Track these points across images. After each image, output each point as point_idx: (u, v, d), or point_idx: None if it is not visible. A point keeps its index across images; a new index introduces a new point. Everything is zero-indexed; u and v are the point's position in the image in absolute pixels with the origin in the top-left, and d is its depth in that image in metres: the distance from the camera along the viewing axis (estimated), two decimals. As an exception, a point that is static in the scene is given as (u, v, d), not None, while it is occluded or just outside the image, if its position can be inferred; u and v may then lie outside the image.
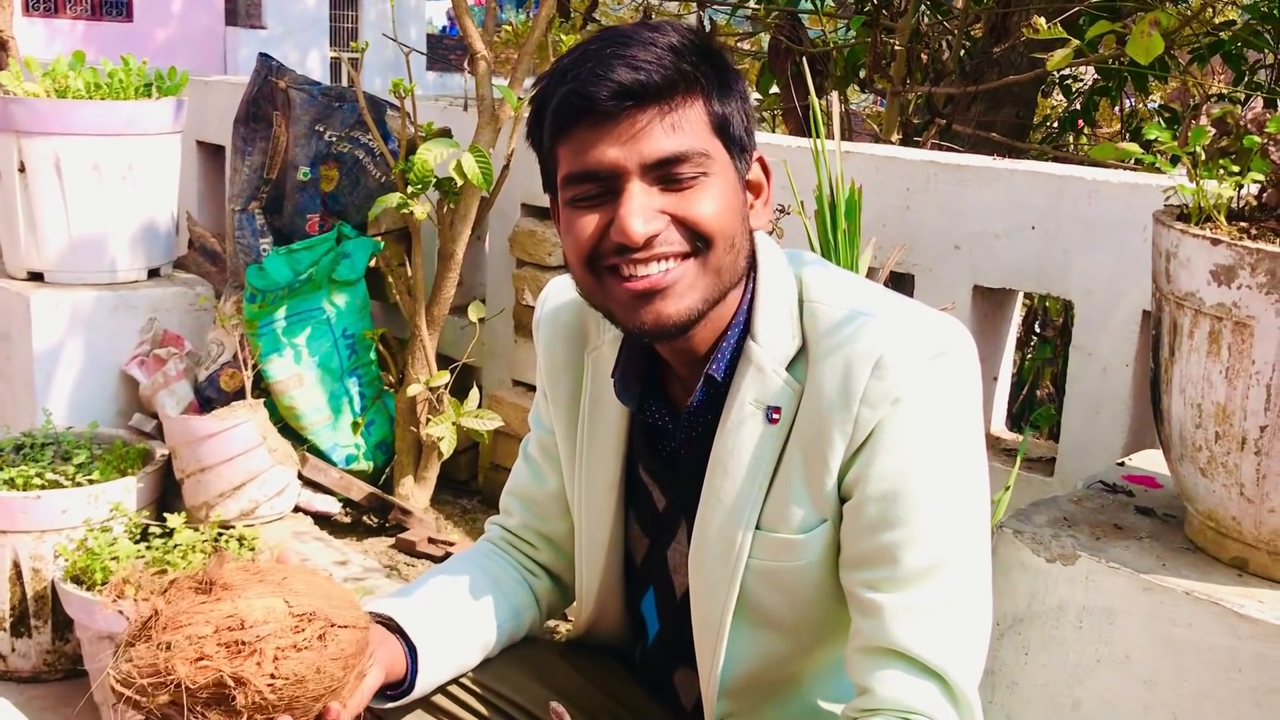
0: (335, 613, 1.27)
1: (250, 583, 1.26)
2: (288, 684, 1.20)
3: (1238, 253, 1.28)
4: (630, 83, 1.26)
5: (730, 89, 1.34)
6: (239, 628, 1.20)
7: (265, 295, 3.03)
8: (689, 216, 1.30)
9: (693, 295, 1.33)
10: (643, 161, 1.28)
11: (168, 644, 1.18)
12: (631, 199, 1.28)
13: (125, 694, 1.19)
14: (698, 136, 1.30)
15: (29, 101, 3.16)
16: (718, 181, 1.32)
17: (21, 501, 2.78)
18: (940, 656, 1.30)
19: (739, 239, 1.35)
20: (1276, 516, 1.34)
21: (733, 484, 1.40)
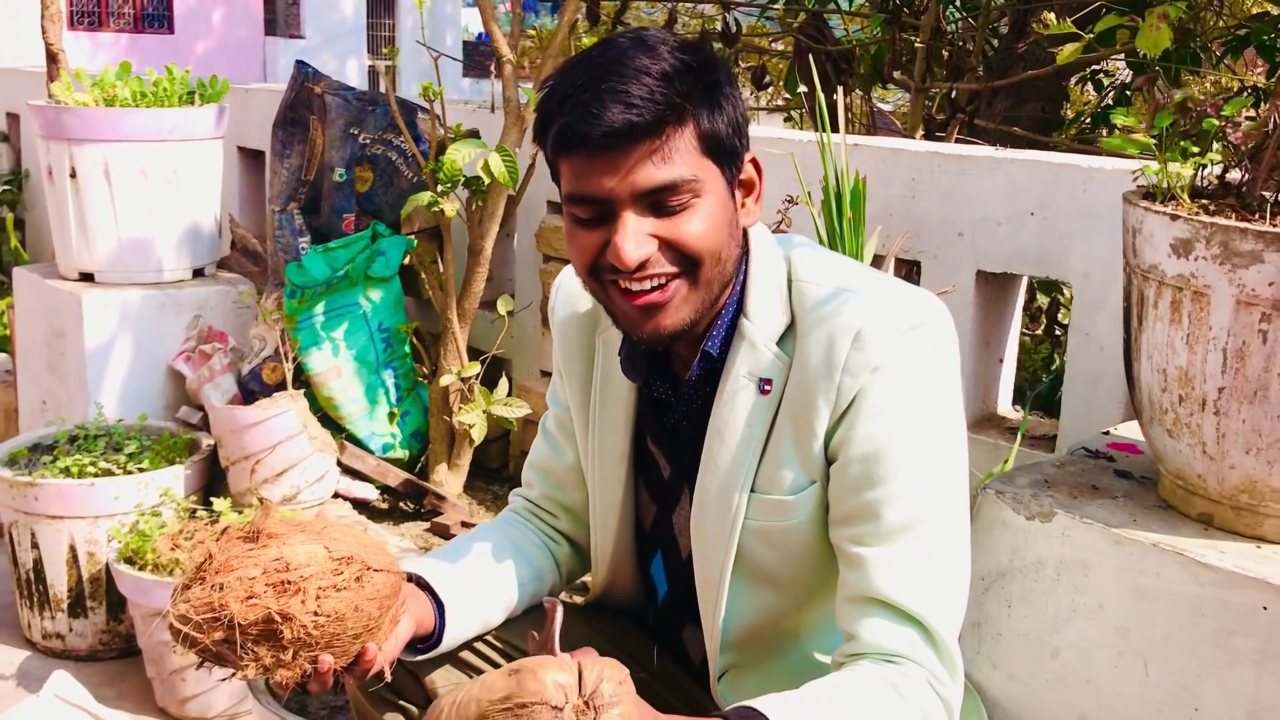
0: (371, 557, 1.37)
1: (293, 532, 1.37)
2: (329, 621, 1.30)
3: (1194, 227, 1.38)
4: (621, 124, 1.33)
5: (720, 102, 1.41)
6: (284, 570, 1.30)
7: (304, 291, 3.18)
8: (677, 239, 1.39)
9: (686, 309, 1.44)
10: (634, 192, 1.37)
11: (221, 585, 1.29)
12: (624, 227, 1.38)
13: (184, 631, 1.29)
14: (686, 165, 1.38)
15: (80, 111, 3.32)
16: (707, 202, 1.41)
17: (77, 489, 2.93)
18: (919, 604, 1.41)
19: (726, 251, 1.44)
20: (1237, 473, 1.44)
21: (729, 450, 1.51)
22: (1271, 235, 1.33)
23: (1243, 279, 1.35)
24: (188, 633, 1.28)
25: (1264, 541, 1.46)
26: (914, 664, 1.41)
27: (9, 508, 2.99)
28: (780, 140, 2.72)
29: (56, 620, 3.02)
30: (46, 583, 2.99)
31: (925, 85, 4.75)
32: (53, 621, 3.02)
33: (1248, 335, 1.37)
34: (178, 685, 2.75)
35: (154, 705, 2.83)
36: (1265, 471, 1.42)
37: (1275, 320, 1.35)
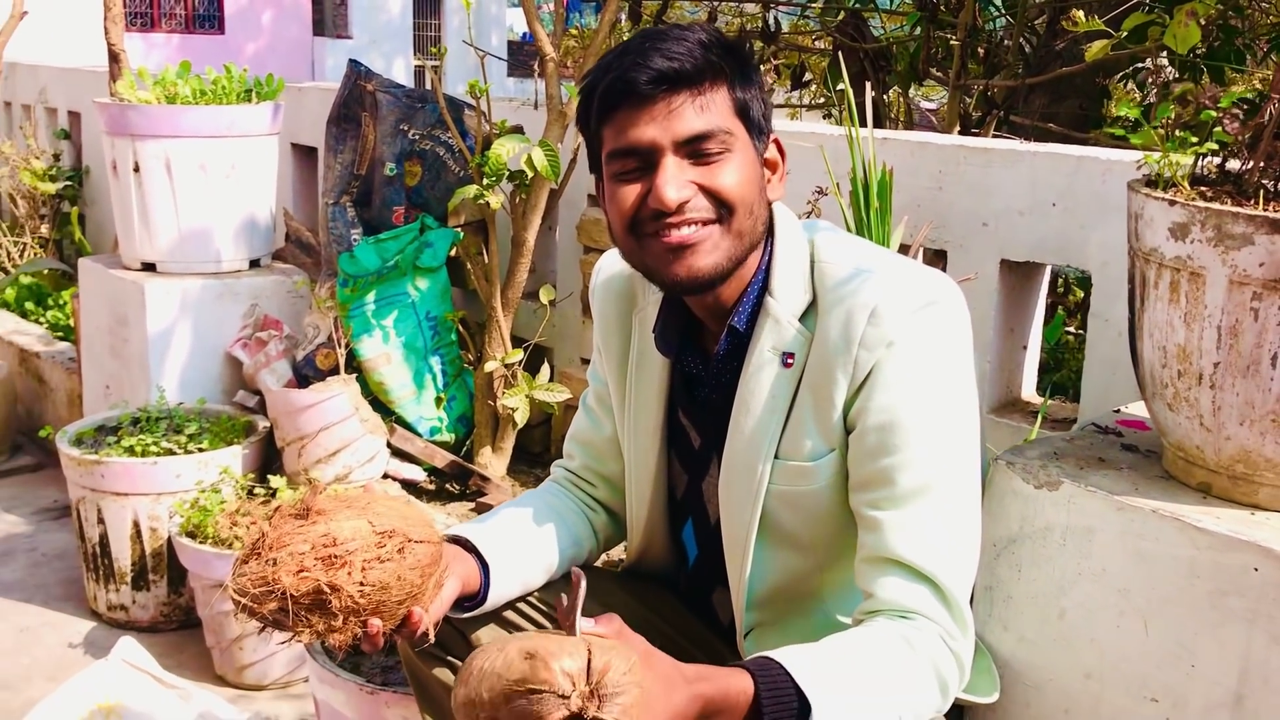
0: (412, 530, 1.49)
1: (339, 508, 1.48)
2: (374, 590, 1.42)
3: (1190, 211, 1.48)
4: (666, 69, 1.49)
5: (750, 79, 1.57)
6: (331, 544, 1.42)
7: (356, 281, 3.31)
8: (714, 186, 1.53)
9: (718, 253, 1.55)
10: (675, 138, 1.51)
11: (274, 560, 1.41)
12: (666, 170, 1.51)
13: (242, 602, 1.41)
14: (723, 117, 1.53)
15: (143, 108, 3.48)
16: (739, 157, 1.54)
17: (140, 467, 3.08)
18: (932, 563, 1.51)
19: (757, 207, 1.57)
20: (1232, 444, 1.53)
21: (754, 420, 1.62)
22: (1262, 219, 1.42)
23: (1235, 260, 1.44)
24: (245, 604, 1.40)
25: (1259, 509, 1.55)
26: (927, 619, 1.51)
27: (77, 485, 3.15)
28: (811, 134, 2.83)
29: (121, 592, 3.17)
30: (111, 557, 3.14)
31: (961, 82, 4.82)
32: (117, 594, 3.18)
33: (1240, 313, 1.46)
34: (235, 654, 2.89)
35: (213, 673, 2.98)
36: (1259, 442, 1.51)
37: (1266, 299, 1.44)
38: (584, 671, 1.22)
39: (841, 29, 5.36)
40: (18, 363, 4.66)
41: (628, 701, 1.23)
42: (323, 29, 21.23)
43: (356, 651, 2.31)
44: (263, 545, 1.44)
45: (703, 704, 1.35)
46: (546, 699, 1.20)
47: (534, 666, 1.21)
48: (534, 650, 1.23)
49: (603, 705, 1.21)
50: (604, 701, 1.21)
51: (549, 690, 1.20)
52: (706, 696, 1.36)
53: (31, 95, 6.36)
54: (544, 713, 1.20)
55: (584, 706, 1.20)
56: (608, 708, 1.21)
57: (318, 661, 2.16)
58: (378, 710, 2.07)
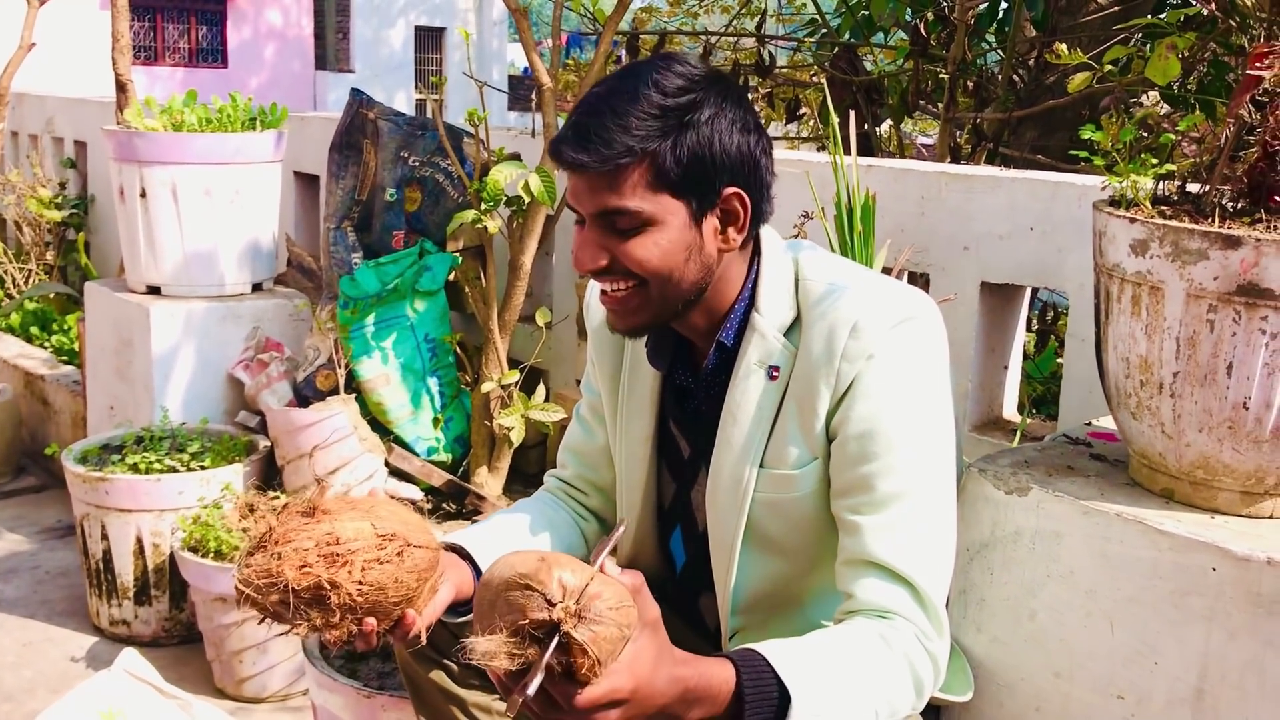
0: (412, 535, 1.55)
1: (344, 509, 1.54)
2: (372, 590, 1.48)
3: (1149, 228, 1.56)
4: (572, 161, 1.56)
5: (690, 139, 1.56)
6: (334, 543, 1.47)
7: (356, 303, 3.39)
8: (624, 259, 1.60)
9: (644, 314, 1.64)
10: (591, 210, 1.60)
11: (279, 554, 1.46)
12: (580, 237, 1.62)
13: (246, 592, 1.47)
14: (635, 199, 1.56)
15: (150, 135, 3.57)
16: (659, 230, 1.58)
17: (144, 484, 3.14)
18: (909, 566, 1.58)
19: (679, 273, 1.61)
20: (1192, 450, 1.61)
21: (741, 430, 1.69)
22: (1215, 235, 1.50)
23: (1191, 274, 1.52)
24: (249, 594, 1.46)
25: (1218, 513, 1.62)
26: (904, 620, 1.57)
27: (81, 501, 3.22)
28: (799, 161, 2.91)
29: (123, 607, 3.23)
30: (115, 572, 3.21)
31: (952, 115, 4.92)
32: (119, 609, 3.24)
33: (1197, 325, 1.54)
34: (235, 667, 2.95)
35: (213, 687, 3.03)
36: (1216, 449, 1.58)
37: (1221, 311, 1.52)
38: (578, 590, 1.27)
39: (835, 63, 5.48)
40: (23, 385, 4.73)
41: (603, 633, 1.28)
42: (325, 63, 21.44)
43: (353, 657, 2.38)
44: (269, 539, 1.49)
45: (683, 689, 1.40)
46: (535, 598, 1.26)
47: (538, 569, 1.28)
48: (547, 557, 1.30)
49: (578, 625, 1.26)
50: (581, 622, 1.26)
51: (540, 591, 1.26)
52: (689, 683, 1.41)
53: (39, 125, 6.47)
54: (528, 609, 1.26)
55: (563, 618, 1.26)
56: (581, 629, 1.26)
57: (316, 667, 2.22)
58: (375, 714, 2.13)
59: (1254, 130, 1.60)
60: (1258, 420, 1.54)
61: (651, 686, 1.34)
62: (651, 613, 1.38)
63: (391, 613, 1.53)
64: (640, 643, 1.34)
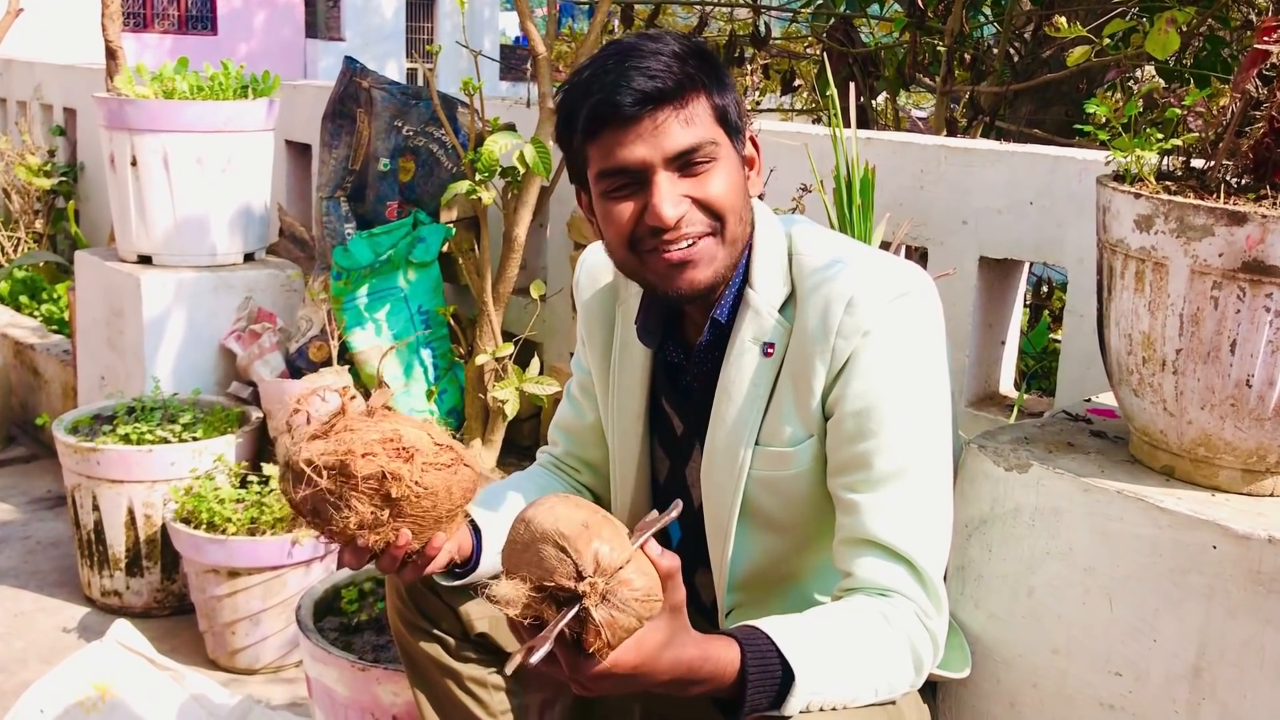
0: (464, 453, 1.56)
1: (403, 417, 1.56)
2: (426, 493, 1.49)
3: (1154, 204, 1.54)
4: (649, 89, 1.53)
5: (725, 83, 1.61)
6: (398, 440, 1.48)
7: (349, 274, 3.37)
8: (706, 198, 1.58)
9: (716, 264, 1.61)
10: (665, 155, 1.55)
11: (346, 440, 1.46)
12: (660, 188, 1.56)
13: (307, 472, 1.45)
14: (706, 128, 1.57)
15: (141, 103, 3.53)
16: (725, 165, 1.59)
17: (136, 455, 3.13)
18: (907, 544, 1.57)
19: (744, 210, 1.63)
20: (1194, 428, 1.60)
21: (735, 408, 1.68)
22: (1221, 211, 1.48)
23: (1196, 250, 1.51)
24: (310, 475, 1.44)
25: (1219, 491, 1.61)
26: (903, 597, 1.57)
27: (72, 472, 3.20)
28: (797, 134, 2.89)
29: (115, 579, 3.22)
30: (106, 543, 3.19)
31: (948, 88, 4.89)
32: (111, 580, 3.23)
33: (1201, 301, 1.52)
34: (228, 638, 2.94)
35: (205, 658, 3.03)
36: (1218, 426, 1.57)
37: (1225, 288, 1.50)
38: (610, 570, 1.26)
39: (831, 34, 5.44)
40: (12, 355, 4.71)
41: (621, 620, 1.27)
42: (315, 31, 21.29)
43: (347, 630, 2.37)
44: (335, 425, 1.49)
45: (687, 671, 1.39)
46: (567, 564, 1.25)
47: (579, 534, 1.27)
48: (591, 523, 1.29)
49: (600, 605, 1.25)
50: (603, 603, 1.25)
51: (574, 560, 1.25)
52: (693, 666, 1.39)
53: (27, 91, 6.41)
54: (557, 572, 1.25)
55: (587, 593, 1.24)
56: (602, 610, 1.25)
57: (311, 640, 2.21)
58: (369, 686, 2.12)
59: (1260, 105, 1.59)
60: (1260, 398, 1.53)
61: (655, 666, 1.34)
62: (677, 597, 1.37)
63: (427, 530, 1.53)
64: (657, 623, 1.33)
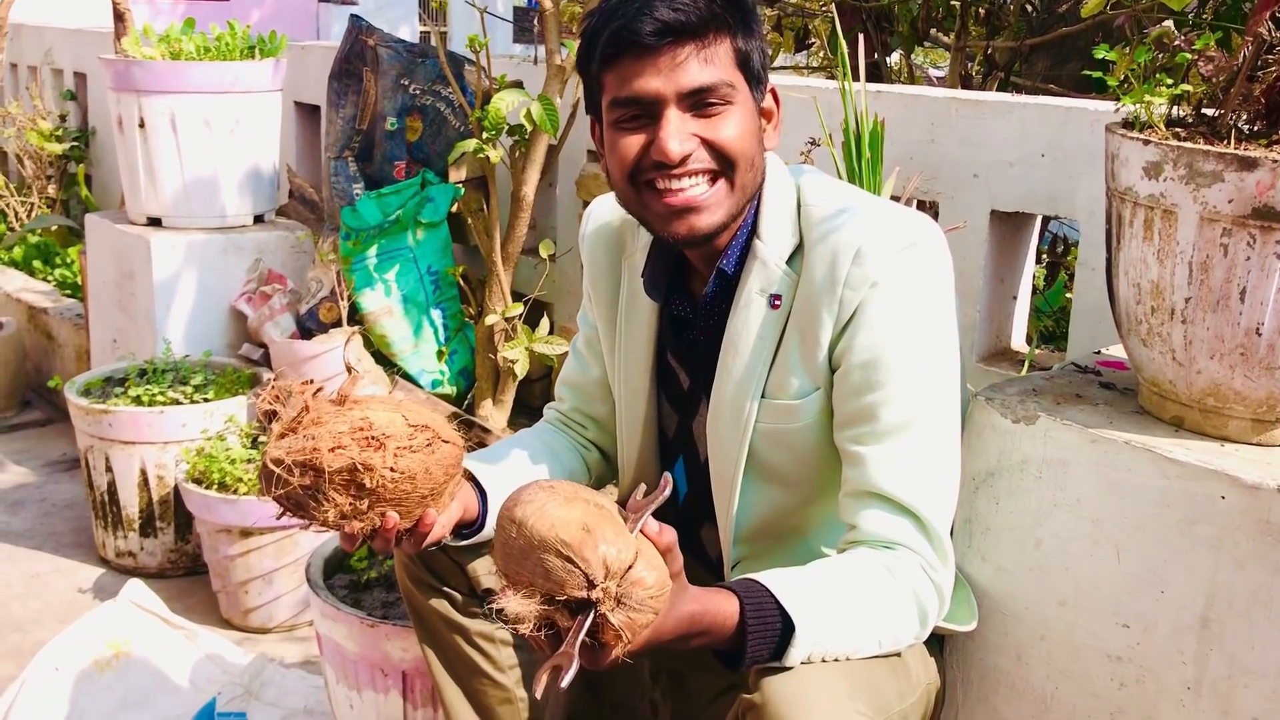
0: (441, 430, 1.53)
1: (374, 401, 1.53)
2: (403, 477, 1.46)
3: (1163, 150, 1.52)
4: (671, 20, 1.50)
5: (752, 29, 1.58)
6: (368, 428, 1.45)
7: (358, 234, 3.36)
8: (716, 140, 1.55)
9: (721, 211, 1.59)
10: (679, 90, 1.53)
11: (313, 435, 1.44)
12: (669, 123, 1.53)
13: (276, 472, 1.43)
14: (725, 70, 1.54)
15: (148, 64, 3.52)
16: (740, 110, 1.57)
17: (148, 416, 3.14)
18: (913, 496, 1.56)
19: (757, 159, 1.61)
20: (1203, 378, 1.58)
21: (741, 361, 1.66)
22: (1231, 156, 1.46)
23: (1206, 197, 1.48)
24: (280, 474, 1.42)
25: (1228, 441, 1.60)
26: (908, 550, 1.56)
27: (85, 434, 3.21)
28: (806, 87, 2.86)
29: (129, 539, 3.24)
30: (120, 504, 3.21)
31: (962, 44, 4.84)
32: (125, 541, 3.25)
33: (1210, 249, 1.50)
34: (241, 597, 2.96)
35: (219, 617, 3.05)
36: (1228, 376, 1.55)
37: (1235, 235, 1.48)
38: (621, 572, 1.24)
39: (844, -10, 5.37)
40: (26, 319, 4.72)
41: (638, 619, 1.26)
42: (328, -6, 21.15)
43: (356, 587, 2.38)
44: (301, 421, 1.47)
45: (691, 624, 1.40)
46: (576, 575, 1.23)
47: (584, 541, 1.24)
48: (591, 528, 1.25)
49: (616, 609, 1.24)
50: (619, 606, 1.24)
51: (582, 570, 1.23)
52: (696, 618, 1.40)
53: (37, 56, 6.39)
54: (567, 584, 1.23)
55: (601, 599, 1.22)
56: (619, 614, 1.24)
57: (320, 597, 2.22)
58: (378, 642, 2.13)
59: (1273, 50, 1.56)
60: (1270, 347, 1.51)
61: (661, 629, 1.35)
62: (675, 566, 1.37)
63: (415, 510, 1.51)
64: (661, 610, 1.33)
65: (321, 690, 2.49)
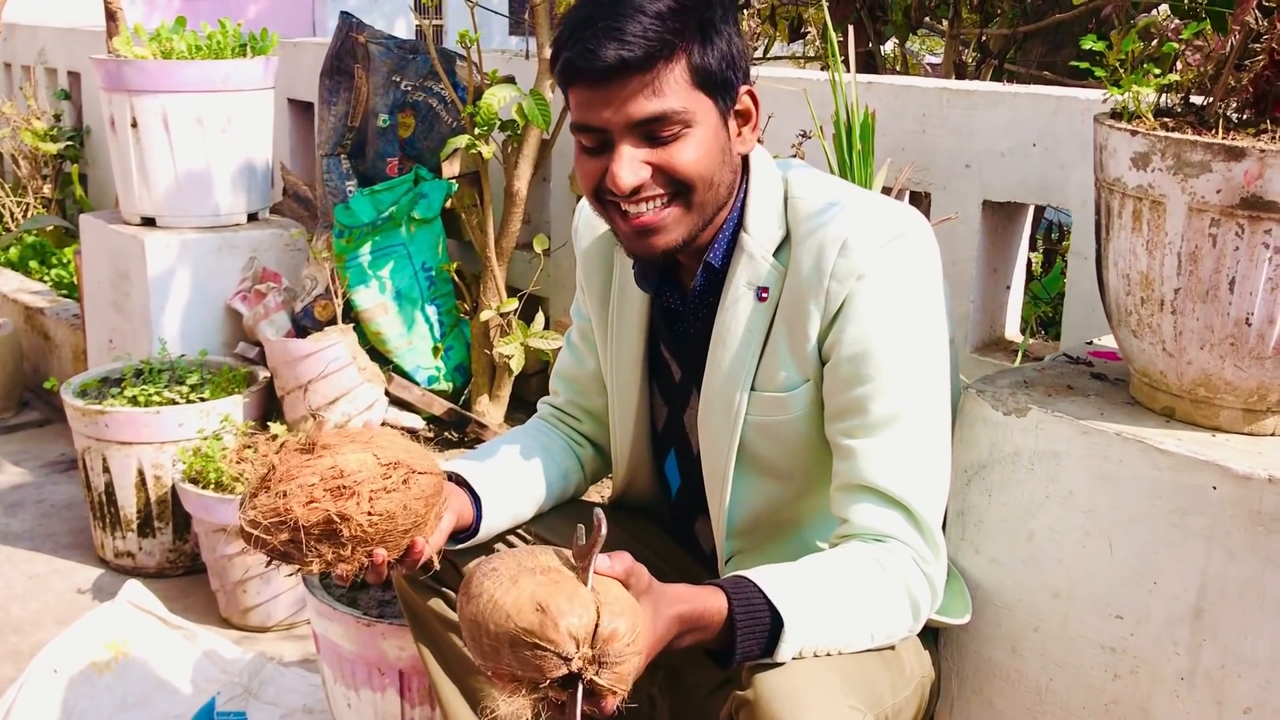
0: (415, 462, 1.53)
1: (344, 442, 1.52)
2: (381, 519, 1.46)
3: (1150, 141, 1.51)
4: (613, 60, 1.48)
5: (713, 37, 1.53)
6: (339, 476, 1.45)
7: (351, 231, 3.36)
8: (669, 167, 1.54)
9: (678, 230, 1.59)
10: (628, 121, 1.52)
11: (284, 492, 1.44)
12: (620, 156, 1.52)
13: (254, 535, 1.45)
14: (677, 97, 1.51)
15: (140, 63, 3.51)
16: (697, 132, 1.54)
17: (144, 416, 3.14)
18: (903, 489, 1.56)
19: (718, 176, 1.58)
20: (1193, 368, 1.57)
21: (730, 353, 1.66)
22: (1218, 146, 1.45)
23: (1194, 188, 1.48)
24: (258, 536, 1.44)
25: (1219, 431, 1.60)
26: (899, 543, 1.56)
27: (82, 435, 3.21)
28: (796, 79, 2.85)
29: (127, 540, 3.24)
30: (117, 505, 3.21)
31: (956, 31, 4.83)
32: (123, 541, 3.25)
33: (1199, 240, 1.50)
34: (240, 597, 2.96)
35: (218, 616, 3.05)
36: (1218, 366, 1.55)
37: (1223, 225, 1.48)
38: (590, 635, 1.24)
39: (838, -21, 5.36)
40: (23, 320, 4.72)
41: (624, 668, 1.26)
42: (323, -11, 21.10)
43: (357, 586, 2.38)
44: (272, 478, 1.47)
45: (679, 623, 1.41)
46: (549, 658, 1.23)
47: (543, 623, 1.24)
48: (545, 605, 1.25)
49: (601, 671, 1.24)
50: (603, 668, 1.25)
51: (553, 651, 1.23)
52: (684, 617, 1.41)
53: (31, 56, 6.39)
54: (545, 669, 1.23)
55: (583, 668, 1.23)
56: (605, 674, 1.24)
57: (316, 596, 2.22)
58: (374, 641, 2.13)
59: (1260, 38, 1.55)
60: (1260, 337, 1.51)
61: (653, 639, 1.36)
62: (644, 582, 1.38)
63: (400, 542, 1.51)
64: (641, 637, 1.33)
65: (320, 689, 2.49)
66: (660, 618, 1.38)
